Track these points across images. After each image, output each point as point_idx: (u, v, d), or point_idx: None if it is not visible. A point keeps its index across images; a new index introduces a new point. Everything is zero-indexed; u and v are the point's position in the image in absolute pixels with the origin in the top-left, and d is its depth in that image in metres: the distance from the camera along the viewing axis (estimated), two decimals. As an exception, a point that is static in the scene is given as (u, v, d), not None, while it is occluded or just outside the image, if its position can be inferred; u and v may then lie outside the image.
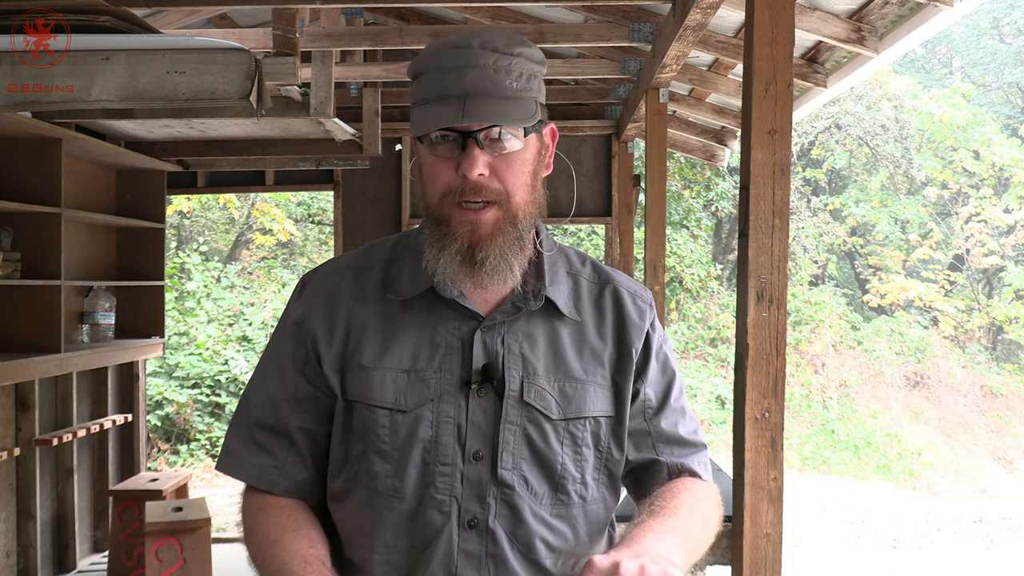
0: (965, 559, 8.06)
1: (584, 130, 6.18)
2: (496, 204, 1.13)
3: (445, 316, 1.18)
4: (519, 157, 1.14)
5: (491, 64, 1.11)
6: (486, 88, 1.10)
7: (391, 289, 1.20)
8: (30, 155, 4.28)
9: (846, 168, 16.14)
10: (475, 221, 1.13)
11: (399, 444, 1.15)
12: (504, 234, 1.14)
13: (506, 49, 1.12)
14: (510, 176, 1.14)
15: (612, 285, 1.26)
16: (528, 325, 1.19)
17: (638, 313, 1.26)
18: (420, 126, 1.12)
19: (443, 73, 1.11)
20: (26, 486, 4.59)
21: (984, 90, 17.86)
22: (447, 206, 1.14)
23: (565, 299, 1.22)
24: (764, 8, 2.25)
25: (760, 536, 2.30)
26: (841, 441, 12.41)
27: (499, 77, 1.11)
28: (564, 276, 1.24)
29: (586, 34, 4.18)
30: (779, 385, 2.29)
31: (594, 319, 1.23)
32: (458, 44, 1.12)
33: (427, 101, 1.12)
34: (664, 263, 4.56)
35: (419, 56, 1.16)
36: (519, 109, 1.11)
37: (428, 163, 1.15)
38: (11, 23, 2.40)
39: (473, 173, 1.11)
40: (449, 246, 1.14)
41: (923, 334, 14.56)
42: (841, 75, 4.01)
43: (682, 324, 13.68)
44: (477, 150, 1.11)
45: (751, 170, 2.27)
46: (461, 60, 1.10)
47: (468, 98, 1.09)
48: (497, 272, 1.15)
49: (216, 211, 13.17)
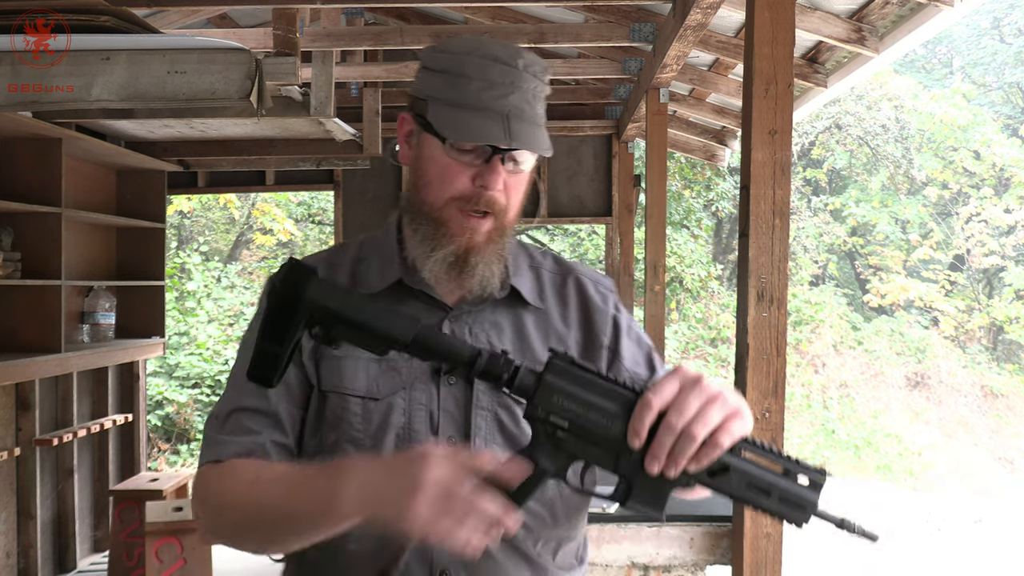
0: (965, 559, 8.06)
1: (584, 130, 6.18)
2: (494, 216, 1.16)
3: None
4: (524, 178, 1.19)
5: (531, 89, 1.15)
6: (525, 112, 1.13)
7: (361, 284, 1.22)
8: (30, 155, 4.28)
9: (846, 168, 16.14)
10: (476, 228, 1.15)
11: (372, 432, 1.15)
12: (495, 244, 1.18)
13: (541, 76, 1.17)
14: (515, 194, 1.18)
15: (574, 275, 1.30)
16: (494, 315, 1.22)
17: (601, 299, 1.29)
18: (459, 132, 1.12)
19: (488, 86, 1.13)
20: (26, 486, 4.59)
21: (984, 90, 17.85)
22: (450, 210, 1.15)
23: (530, 288, 1.24)
24: (764, 8, 2.25)
25: (760, 536, 2.30)
26: (841, 441, 12.41)
27: (535, 103, 1.15)
28: (527, 268, 1.27)
29: (586, 34, 4.18)
30: (779, 385, 2.29)
31: (558, 307, 1.26)
32: (505, 60, 1.14)
33: (464, 106, 1.13)
34: (664, 263, 4.56)
35: (456, 53, 1.16)
36: (546, 137, 1.16)
37: (441, 162, 1.16)
38: (11, 23, 2.40)
39: (495, 188, 1.14)
40: (444, 247, 1.16)
41: (923, 334, 14.56)
42: (841, 75, 4.01)
43: (682, 324, 13.68)
44: (501, 167, 1.14)
45: (751, 170, 2.27)
46: (509, 79, 1.13)
47: (511, 119, 1.12)
48: (484, 279, 1.18)
49: (216, 211, 13.17)
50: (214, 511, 1.14)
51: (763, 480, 0.96)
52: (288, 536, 1.07)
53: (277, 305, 1.02)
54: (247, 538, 1.13)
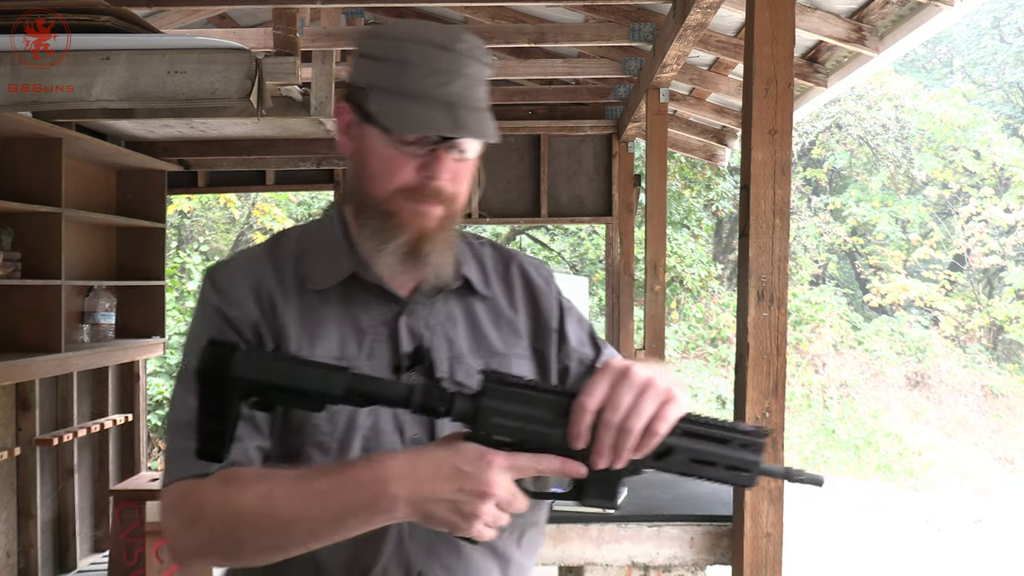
0: (965, 559, 8.06)
1: (584, 130, 6.18)
2: (443, 204, 1.14)
3: (367, 302, 1.17)
4: (470, 165, 1.16)
5: (473, 74, 1.11)
6: (469, 99, 1.10)
7: (308, 280, 1.17)
8: (30, 155, 4.28)
9: (847, 168, 16.14)
10: (426, 214, 1.13)
11: (339, 435, 1.13)
12: (446, 231, 1.16)
13: (483, 59, 1.13)
14: (462, 183, 1.15)
15: (516, 261, 1.29)
16: (447, 306, 1.21)
17: (544, 282, 1.29)
18: (403, 123, 1.09)
19: (431, 73, 1.08)
20: (26, 486, 4.59)
21: (985, 90, 17.85)
22: (398, 201, 1.13)
23: (476, 278, 1.23)
24: (764, 8, 2.25)
25: (760, 536, 2.30)
26: (841, 441, 12.41)
27: (478, 88, 1.11)
28: (470, 257, 1.25)
29: (586, 34, 4.19)
30: (779, 385, 2.29)
31: (504, 293, 1.25)
32: (446, 45, 1.10)
33: (406, 95, 1.09)
34: (664, 263, 4.56)
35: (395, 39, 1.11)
36: (491, 122, 1.13)
37: (384, 154, 1.12)
38: (11, 23, 2.40)
39: (441, 180, 1.11)
40: (396, 238, 1.13)
41: (924, 334, 14.56)
42: (841, 75, 4.01)
43: (682, 324, 13.68)
44: (447, 155, 1.11)
45: (751, 170, 2.27)
46: (452, 64, 1.09)
47: (457, 108, 1.08)
48: (439, 268, 1.16)
49: (216, 211, 13.17)
50: (217, 527, 1.06)
51: (706, 453, 1.02)
52: (315, 542, 1.04)
53: (207, 386, 1.02)
54: (257, 551, 1.06)
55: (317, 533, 1.03)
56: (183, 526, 1.08)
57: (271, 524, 1.03)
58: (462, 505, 0.98)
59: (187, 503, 1.08)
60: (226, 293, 1.16)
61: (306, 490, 1.02)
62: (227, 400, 1.02)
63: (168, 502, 1.11)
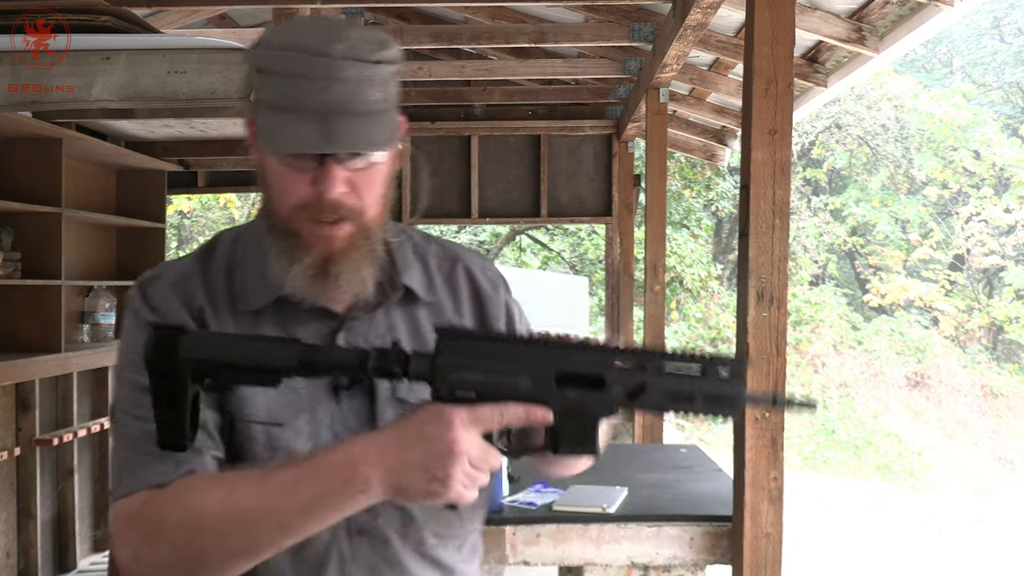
0: (965, 559, 8.06)
1: (584, 130, 6.18)
2: (350, 220, 1.06)
3: (302, 319, 1.10)
4: (377, 171, 1.07)
5: (354, 77, 1.01)
6: (349, 104, 1.00)
7: (240, 300, 1.11)
8: (30, 155, 4.28)
9: (846, 168, 16.14)
10: (330, 236, 1.05)
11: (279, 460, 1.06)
12: (358, 248, 1.07)
13: (369, 57, 1.02)
14: (368, 192, 1.06)
15: (463, 262, 1.22)
16: (388, 317, 1.14)
17: (492, 286, 1.22)
18: (274, 141, 1.02)
19: (298, 81, 1.00)
20: (26, 486, 4.59)
21: (984, 90, 17.86)
22: (299, 220, 1.05)
23: (419, 282, 1.17)
24: (764, 8, 2.25)
25: (760, 536, 2.30)
26: (841, 441, 12.41)
27: (362, 91, 1.01)
28: (413, 259, 1.18)
29: (586, 34, 4.19)
30: (779, 385, 2.29)
31: (449, 298, 1.19)
32: (317, 51, 1.00)
33: (280, 109, 1.01)
34: (664, 263, 4.56)
35: (270, 47, 1.03)
36: (385, 127, 1.04)
37: (277, 172, 1.05)
38: (11, 23, 2.40)
39: (333, 193, 1.03)
40: (301, 259, 1.06)
41: (923, 334, 14.56)
42: (841, 75, 4.01)
43: (682, 324, 13.68)
44: (337, 167, 1.03)
45: (751, 170, 2.27)
46: (322, 71, 0.99)
47: (331, 117, 1.00)
48: (351, 286, 1.08)
49: (216, 211, 13.17)
50: (178, 539, 1.00)
51: (683, 388, 0.98)
52: (286, 538, 1.00)
53: (157, 374, 1.00)
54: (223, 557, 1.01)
55: (288, 527, 0.98)
56: (142, 544, 1.01)
57: (236, 525, 0.99)
58: (433, 469, 0.94)
59: (144, 518, 1.02)
60: (160, 310, 1.10)
61: (272, 484, 0.98)
62: (181, 385, 0.99)
63: (123, 520, 1.03)
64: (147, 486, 1.03)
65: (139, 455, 1.05)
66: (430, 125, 6.26)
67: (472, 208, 6.27)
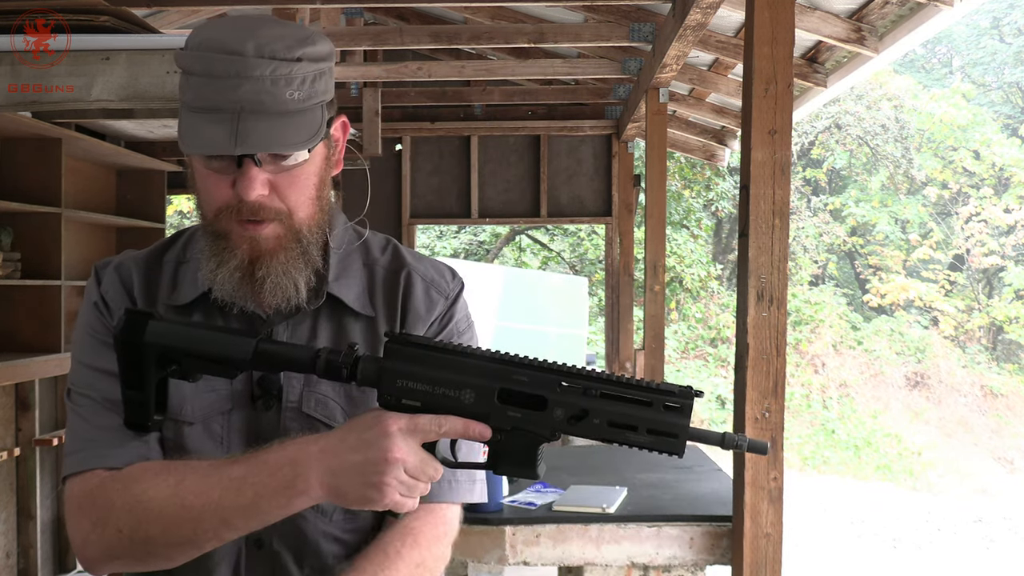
0: (965, 559, 8.06)
1: (584, 130, 6.19)
2: (277, 221, 1.04)
3: (227, 321, 1.09)
4: (303, 172, 1.04)
5: (268, 75, 0.97)
6: (263, 103, 0.97)
7: (176, 292, 1.11)
8: (30, 155, 4.28)
9: (846, 168, 16.14)
10: (255, 236, 1.03)
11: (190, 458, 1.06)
12: (287, 251, 1.05)
13: (286, 54, 0.98)
14: (293, 193, 1.04)
15: (406, 271, 1.15)
16: (315, 323, 1.11)
17: (427, 304, 1.14)
18: (188, 143, 0.99)
19: (210, 81, 0.97)
20: (26, 486, 4.59)
21: (984, 90, 17.86)
22: (224, 221, 1.04)
23: (357, 294, 1.12)
24: (764, 8, 2.25)
25: (760, 536, 2.30)
26: (841, 441, 12.41)
27: (278, 89, 0.98)
28: (359, 268, 1.14)
29: (586, 34, 4.19)
30: (779, 385, 2.29)
31: (387, 312, 1.14)
32: (229, 49, 0.97)
33: (194, 109, 0.99)
34: (664, 263, 4.57)
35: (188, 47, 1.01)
36: (302, 127, 1.00)
37: (201, 175, 1.04)
38: (11, 23, 2.40)
39: (250, 195, 1.00)
40: (228, 262, 1.04)
41: (923, 334, 14.56)
42: (841, 75, 4.01)
43: (682, 324, 13.68)
44: (255, 169, 1.00)
45: (751, 170, 2.27)
46: (232, 69, 0.97)
47: (242, 116, 0.96)
48: (279, 289, 1.05)
49: (216, 211, 13.17)
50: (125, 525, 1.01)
51: (626, 416, 0.95)
52: (229, 532, 1.00)
53: (123, 354, 1.02)
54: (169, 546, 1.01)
55: (231, 522, 0.99)
56: (92, 529, 1.02)
57: (182, 516, 0.98)
58: (368, 475, 0.93)
59: (95, 504, 1.02)
60: (108, 294, 1.12)
61: (218, 478, 0.98)
62: (146, 368, 1.02)
63: (75, 504, 1.04)
64: (98, 466, 1.04)
65: (91, 434, 1.06)
66: (430, 125, 6.26)
67: (472, 208, 6.28)
